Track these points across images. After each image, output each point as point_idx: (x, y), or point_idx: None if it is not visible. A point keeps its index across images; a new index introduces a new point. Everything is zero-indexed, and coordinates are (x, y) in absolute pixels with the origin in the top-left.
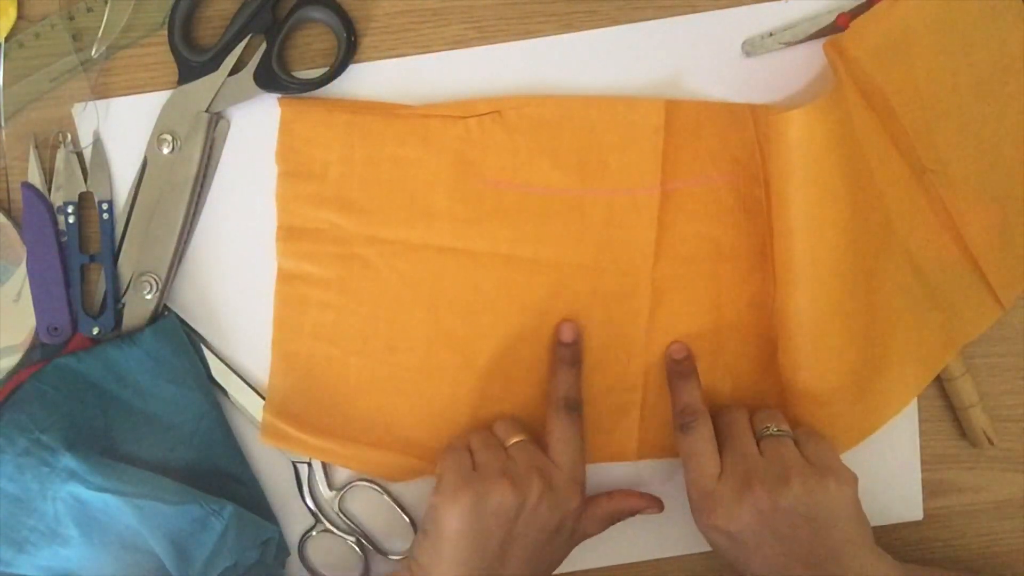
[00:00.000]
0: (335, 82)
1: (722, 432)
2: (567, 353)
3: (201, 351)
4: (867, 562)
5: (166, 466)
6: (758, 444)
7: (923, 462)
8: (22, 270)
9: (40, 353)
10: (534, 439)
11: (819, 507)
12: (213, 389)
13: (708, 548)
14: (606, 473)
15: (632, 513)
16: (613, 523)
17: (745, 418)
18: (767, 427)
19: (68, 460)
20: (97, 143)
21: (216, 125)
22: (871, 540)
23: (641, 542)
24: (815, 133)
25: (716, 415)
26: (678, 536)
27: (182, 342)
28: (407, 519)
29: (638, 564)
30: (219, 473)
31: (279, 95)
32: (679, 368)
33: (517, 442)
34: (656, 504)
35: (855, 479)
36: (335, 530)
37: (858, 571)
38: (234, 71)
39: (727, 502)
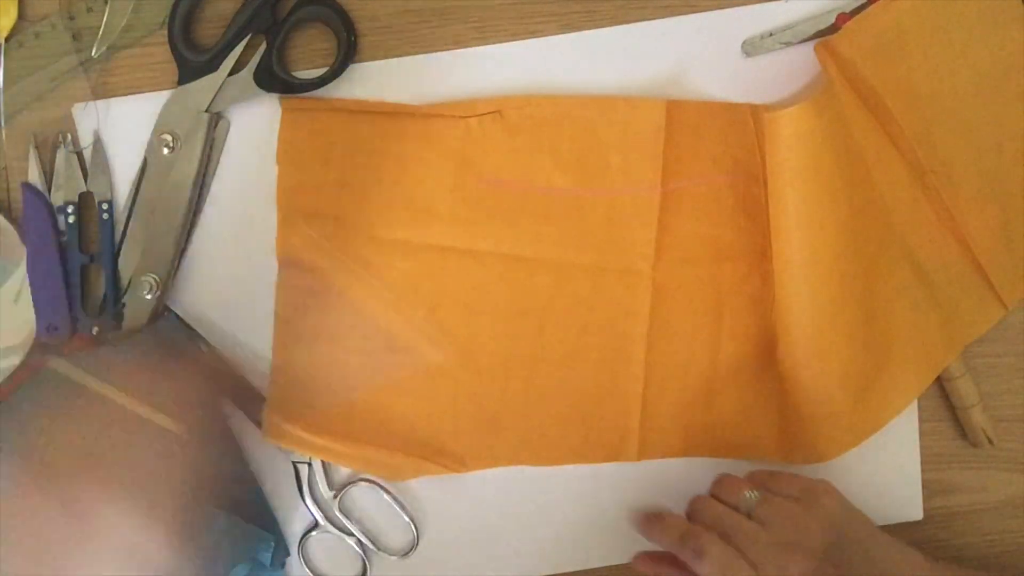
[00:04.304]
0: (335, 82)
1: (707, 525)
2: None
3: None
4: (893, 551)
5: None
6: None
7: (923, 462)
8: (22, 270)
9: (40, 353)
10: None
11: (836, 526)
12: None
13: None
14: (607, 474)
15: None
16: None
17: (718, 505)
18: (743, 496)
19: None
20: (97, 143)
21: (216, 125)
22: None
23: (641, 542)
24: (808, 131)
25: (689, 509)
26: None
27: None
28: (407, 518)
29: None
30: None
31: (279, 95)
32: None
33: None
34: None
35: (828, 481)
36: (335, 530)
37: (888, 562)
38: (234, 71)
39: None
